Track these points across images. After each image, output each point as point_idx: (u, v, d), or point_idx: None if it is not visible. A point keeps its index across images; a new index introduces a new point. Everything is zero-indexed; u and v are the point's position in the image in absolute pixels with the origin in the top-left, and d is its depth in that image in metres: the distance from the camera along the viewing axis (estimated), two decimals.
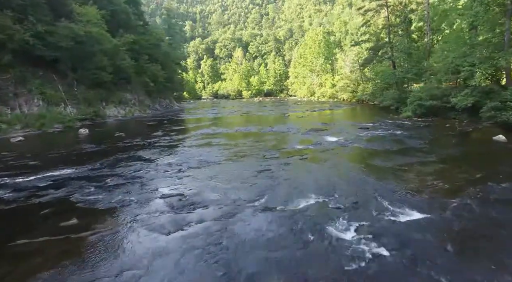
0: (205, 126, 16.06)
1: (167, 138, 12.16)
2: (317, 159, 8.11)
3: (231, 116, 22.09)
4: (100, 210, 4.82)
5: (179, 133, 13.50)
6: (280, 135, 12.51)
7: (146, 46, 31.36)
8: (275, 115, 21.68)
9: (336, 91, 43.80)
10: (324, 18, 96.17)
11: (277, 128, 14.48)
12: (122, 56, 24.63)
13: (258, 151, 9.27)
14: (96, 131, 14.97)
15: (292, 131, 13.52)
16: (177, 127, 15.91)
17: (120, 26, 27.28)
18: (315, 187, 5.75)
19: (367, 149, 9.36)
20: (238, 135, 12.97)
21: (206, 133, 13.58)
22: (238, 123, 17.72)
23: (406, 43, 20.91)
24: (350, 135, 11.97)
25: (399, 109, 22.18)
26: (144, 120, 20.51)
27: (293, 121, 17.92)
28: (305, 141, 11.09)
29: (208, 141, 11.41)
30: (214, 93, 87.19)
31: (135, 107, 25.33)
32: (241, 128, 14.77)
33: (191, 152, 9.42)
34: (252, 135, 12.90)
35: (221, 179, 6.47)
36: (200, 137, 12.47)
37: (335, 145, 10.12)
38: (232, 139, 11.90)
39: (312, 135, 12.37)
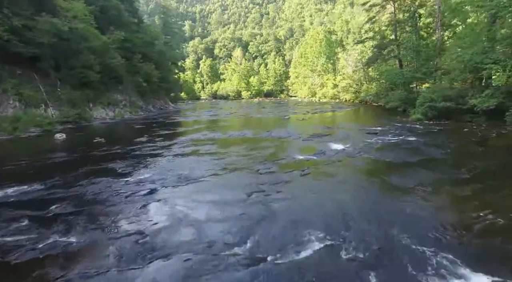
0: (197, 131, 14.63)
1: (151, 146, 10.73)
2: (321, 175, 6.66)
3: (227, 118, 20.67)
4: (14, 263, 3.36)
5: (166, 139, 12.06)
6: (279, 142, 11.06)
7: (139, 44, 29.98)
8: (274, 118, 20.25)
9: (338, 92, 42.37)
10: (325, 17, 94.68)
11: (275, 133, 13.04)
12: (112, 54, 23.22)
13: (251, 163, 7.82)
14: (75, 136, 13.55)
15: (292, 137, 12.08)
16: (165, 131, 14.49)
17: (111, 23, 25.85)
18: (320, 220, 4.31)
19: (380, 161, 7.91)
20: (231, 141, 11.54)
21: (196, 139, 12.15)
22: (233, 127, 16.30)
23: (415, 40, 19.45)
24: (358, 142, 10.54)
25: (407, 111, 20.75)
26: (133, 123, 19.08)
27: (293, 125, 16.50)
28: (306, 149, 9.65)
29: (196, 149, 9.97)
30: (213, 94, 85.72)
31: (126, 108, 23.91)
32: (236, 133, 13.33)
33: (172, 164, 7.97)
34: (247, 141, 11.46)
35: (199, 206, 5.03)
36: (188, 144, 11.04)
37: (342, 154, 8.67)
38: (223, 146, 10.47)
39: (314, 141, 10.93)
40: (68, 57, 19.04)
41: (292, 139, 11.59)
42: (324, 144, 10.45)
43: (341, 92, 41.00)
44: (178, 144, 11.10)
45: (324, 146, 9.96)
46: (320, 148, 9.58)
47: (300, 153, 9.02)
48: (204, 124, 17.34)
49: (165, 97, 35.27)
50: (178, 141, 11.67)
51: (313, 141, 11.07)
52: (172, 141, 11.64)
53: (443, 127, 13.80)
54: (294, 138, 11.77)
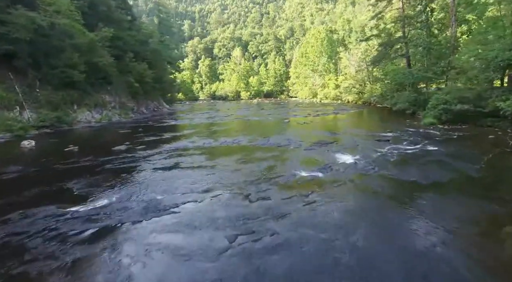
0: (186, 137, 13.10)
1: (128, 156, 9.19)
2: (330, 204, 5.09)
3: (222, 122, 19.13)
4: None
5: (148, 148, 10.53)
6: (277, 152, 9.52)
7: (131, 42, 28.49)
8: (273, 121, 18.70)
9: (340, 93, 40.88)
10: (326, 16, 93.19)
11: (273, 140, 11.50)
12: (100, 53, 21.71)
13: (242, 183, 6.28)
14: (47, 144, 12.03)
15: (293, 145, 10.54)
16: (151, 137, 12.95)
17: (100, 20, 24.34)
18: None
19: (402, 181, 6.34)
20: (222, 151, 10.00)
21: (183, 147, 10.61)
22: (228, 132, 14.76)
23: (426, 37, 17.89)
24: (369, 153, 9.01)
25: (416, 113, 19.23)
26: (120, 127, 17.55)
27: (293, 130, 14.96)
28: (309, 161, 8.11)
29: (179, 162, 8.43)
30: (211, 95, 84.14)
31: (115, 111, 22.38)
32: (229, 140, 11.78)
33: (144, 185, 6.43)
34: (241, 151, 9.92)
35: (163, 259, 3.49)
36: (172, 154, 9.50)
37: (353, 170, 7.13)
38: (212, 158, 8.92)
39: (318, 151, 9.39)
40: (49, 55, 17.52)
41: (292, 149, 10.05)
42: (329, 154, 8.91)
43: (344, 93, 39.50)
44: (161, 154, 9.56)
45: (329, 158, 8.43)
46: (325, 161, 8.04)
47: (302, 167, 7.47)
48: (196, 129, 15.79)
49: (159, 98, 33.71)
50: (162, 150, 10.13)
51: (316, 151, 9.53)
52: (155, 150, 10.10)
53: (462, 133, 12.25)
54: (295, 147, 10.23)
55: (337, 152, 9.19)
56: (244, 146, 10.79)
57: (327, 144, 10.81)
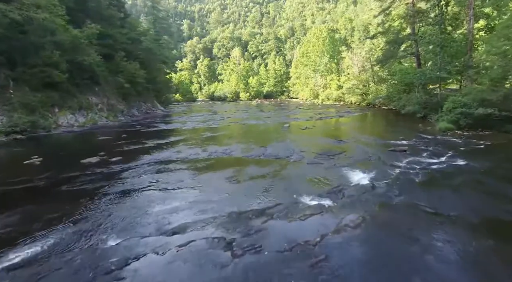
0: (172, 145, 11.50)
1: (95, 173, 7.60)
2: (345, 262, 3.47)
3: (216, 126, 17.52)
4: None
5: (124, 160, 8.94)
6: (275, 167, 7.92)
7: (122, 40, 26.90)
8: (272, 126, 17.09)
9: (342, 94, 39.25)
10: (328, 16, 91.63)
11: (271, 150, 9.91)
12: (86, 51, 20.12)
13: (226, 219, 4.70)
14: (8, 154, 10.45)
15: (294, 157, 8.95)
16: (132, 146, 11.35)
17: (88, 16, 22.79)
18: None
19: (438, 215, 4.71)
20: (210, 166, 8.39)
21: (164, 160, 9.02)
22: (220, 139, 13.16)
23: (440, 33, 16.28)
24: (386, 168, 7.45)
25: (428, 117, 17.63)
26: (103, 131, 15.97)
27: (294, 136, 13.35)
28: (314, 182, 6.51)
29: (153, 182, 6.84)
30: (210, 95, 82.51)
31: (102, 113, 20.79)
32: (220, 151, 10.18)
33: (95, 220, 4.83)
34: (231, 166, 8.33)
35: None
36: (148, 170, 7.90)
37: (371, 196, 5.55)
38: (194, 177, 7.32)
39: (324, 166, 7.79)
40: (26, 53, 15.96)
41: (293, 162, 8.45)
42: (338, 170, 7.33)
43: (346, 94, 37.87)
44: (135, 169, 7.96)
45: (339, 176, 6.85)
46: (334, 180, 6.47)
47: (305, 190, 5.89)
48: (185, 135, 14.20)
49: (153, 99, 32.11)
50: (138, 164, 8.53)
51: (321, 165, 7.93)
52: (129, 164, 8.50)
53: (489, 141, 10.64)
54: (296, 160, 8.63)
55: (346, 167, 7.60)
56: (237, 158, 9.19)
57: (334, 155, 9.23)
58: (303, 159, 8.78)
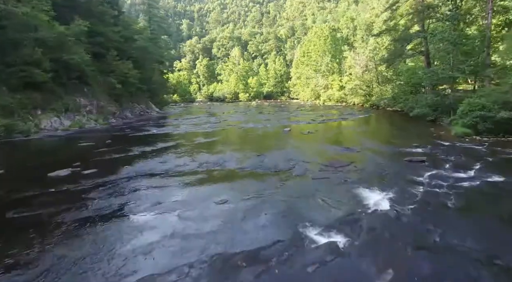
0: (159, 154, 10.22)
1: (62, 191, 6.35)
2: None
3: (212, 130, 16.24)
4: None
5: (98, 174, 7.68)
6: (273, 183, 6.66)
7: (115, 39, 25.66)
8: (271, 130, 15.81)
9: (345, 95, 38.01)
10: (329, 15, 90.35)
11: (270, 161, 8.65)
12: (73, 49, 18.87)
13: (209, 267, 3.43)
14: None
15: (296, 170, 7.69)
16: (114, 154, 10.08)
17: (78, 13, 21.49)
18: None
19: (499, 263, 3.46)
20: (197, 182, 7.13)
21: (146, 173, 7.75)
22: (214, 146, 11.88)
23: (453, 29, 15.02)
24: (405, 185, 6.27)
25: (440, 120, 16.39)
26: (88, 136, 14.71)
27: (296, 143, 12.08)
28: (322, 207, 5.23)
29: (127, 204, 5.57)
30: (209, 96, 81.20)
31: (91, 116, 19.53)
32: (212, 161, 8.91)
33: (46, 263, 3.56)
34: (223, 181, 7.07)
35: None
36: (124, 187, 6.63)
37: (397, 228, 4.31)
38: (178, 197, 6.05)
39: (332, 183, 6.53)
40: (3, 50, 14.71)
41: (295, 176, 7.19)
42: (349, 189, 6.07)
43: (349, 94, 36.64)
44: (110, 186, 6.69)
45: (351, 197, 5.60)
46: (346, 204, 5.23)
47: (312, 219, 4.63)
48: (176, 141, 12.93)
49: (147, 101, 30.82)
50: (114, 179, 7.26)
51: (329, 182, 6.67)
52: (105, 178, 7.24)
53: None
54: (299, 174, 7.37)
55: (359, 184, 6.34)
56: (230, 170, 7.92)
57: (342, 166, 7.97)
58: (307, 172, 7.52)
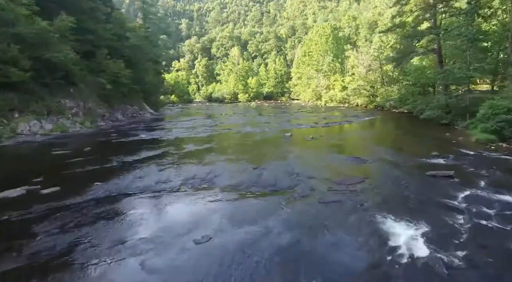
0: (139, 165, 8.80)
1: (3, 221, 4.97)
2: None
3: (205, 135, 14.81)
4: None
5: (59, 194, 6.31)
6: (272, 209, 5.27)
7: (106, 37, 24.29)
8: (271, 135, 14.39)
9: (347, 95, 36.57)
10: (330, 14, 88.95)
11: (268, 176, 7.26)
12: (58, 47, 17.49)
13: None
14: None
15: (299, 189, 6.31)
16: (86, 167, 8.67)
17: (65, 8, 20.07)
18: None
19: None
20: (175, 209, 5.73)
21: (117, 193, 6.36)
22: (204, 156, 10.44)
23: (471, 25, 13.61)
24: (439, 212, 5.02)
25: (455, 124, 15.00)
26: (67, 142, 13.31)
27: (299, 151, 10.65)
28: (337, 250, 3.82)
29: (84, 243, 4.16)
30: (208, 96, 79.77)
31: (77, 118, 18.14)
32: (198, 176, 7.51)
33: None
34: (208, 207, 5.65)
35: None
36: (85, 217, 5.23)
37: None
38: (149, 232, 4.65)
39: (345, 210, 5.12)
40: None
41: (298, 199, 5.80)
42: (367, 219, 4.71)
43: (352, 95, 35.20)
44: (68, 214, 5.29)
45: (372, 232, 4.24)
46: (367, 245, 3.82)
47: (323, 271, 3.22)
48: (164, 148, 11.51)
49: (141, 102, 29.39)
50: (77, 202, 5.86)
51: (341, 208, 5.28)
52: (65, 201, 5.85)
53: None
54: (303, 195, 5.98)
55: (380, 212, 4.96)
56: (220, 189, 6.51)
57: (355, 185, 6.59)
58: (313, 192, 6.13)
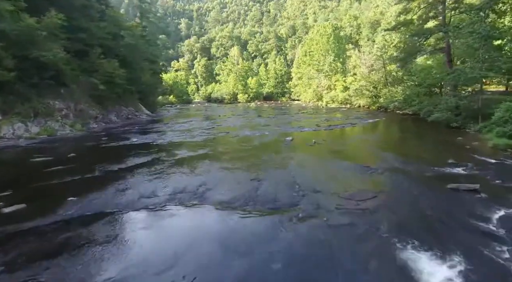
0: (123, 176, 7.91)
1: None
2: None
3: (200, 140, 13.88)
4: None
5: (23, 215, 5.43)
6: (270, 234, 4.35)
7: (100, 35, 23.40)
8: (270, 139, 13.46)
9: (349, 96, 35.62)
10: (330, 14, 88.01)
11: (266, 190, 6.35)
12: (47, 45, 16.60)
13: None
14: None
15: (303, 207, 5.41)
16: (65, 177, 7.79)
17: (56, 6, 19.16)
18: None
19: None
20: (155, 234, 4.83)
21: (95, 210, 5.49)
22: (196, 164, 9.52)
23: (484, 21, 12.71)
24: (469, 238, 4.15)
25: (467, 127, 14.08)
26: (51, 147, 12.42)
27: (301, 158, 9.73)
28: None
29: None
30: (207, 97, 78.84)
31: (67, 120, 17.25)
32: (188, 189, 6.61)
33: None
34: (195, 232, 4.74)
35: None
36: (48, 243, 4.34)
37: None
38: (117, 265, 3.74)
39: (358, 233, 4.21)
40: None
41: (302, 220, 4.90)
42: (385, 245, 3.79)
43: (354, 96, 34.26)
44: (29, 240, 4.40)
45: (394, 267, 3.30)
46: None
47: None
48: (154, 155, 10.59)
49: (137, 103, 28.50)
50: (43, 223, 4.97)
51: (354, 231, 4.40)
52: (29, 223, 4.96)
53: None
54: (308, 216, 5.07)
55: (400, 238, 4.06)
56: (213, 205, 5.60)
57: (366, 201, 5.73)
58: (319, 212, 5.22)
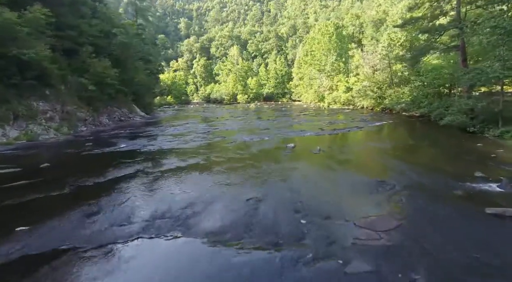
0: (100, 192, 6.71)
1: None
2: None
3: (192, 147, 12.63)
4: None
5: None
6: None
7: (91, 33, 22.23)
8: (270, 146, 12.21)
9: (352, 97, 34.42)
10: (332, 13, 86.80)
11: (265, 213, 5.11)
12: (29, 43, 15.43)
13: None
14: None
15: (310, 241, 4.13)
16: (25, 196, 6.59)
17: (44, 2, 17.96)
18: None
19: None
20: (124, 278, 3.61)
21: (50, 247, 4.23)
22: (185, 177, 8.31)
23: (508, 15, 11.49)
24: None
25: (486, 132, 12.87)
26: (26, 155, 11.21)
27: (305, 170, 8.49)
28: None
29: None
30: (206, 97, 77.62)
31: (52, 124, 16.04)
32: (171, 213, 5.39)
33: None
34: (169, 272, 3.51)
35: None
36: None
37: None
38: None
39: None
40: None
41: (309, 262, 3.63)
42: None
43: (357, 97, 33.04)
44: None
45: None
46: None
47: None
48: (139, 165, 9.37)
49: (131, 104, 27.27)
50: None
51: (377, 278, 3.15)
52: None
53: None
54: (316, 253, 3.82)
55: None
56: (198, 238, 4.38)
57: (389, 232, 4.54)
58: (331, 250, 4.00)
